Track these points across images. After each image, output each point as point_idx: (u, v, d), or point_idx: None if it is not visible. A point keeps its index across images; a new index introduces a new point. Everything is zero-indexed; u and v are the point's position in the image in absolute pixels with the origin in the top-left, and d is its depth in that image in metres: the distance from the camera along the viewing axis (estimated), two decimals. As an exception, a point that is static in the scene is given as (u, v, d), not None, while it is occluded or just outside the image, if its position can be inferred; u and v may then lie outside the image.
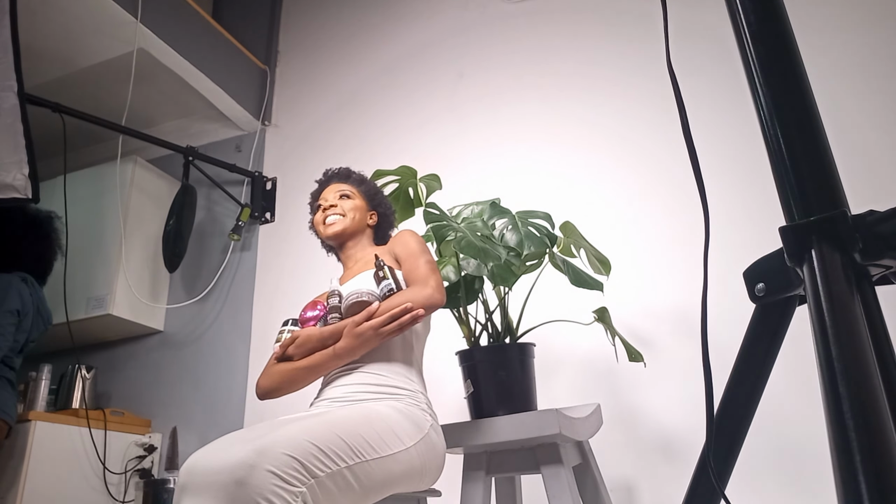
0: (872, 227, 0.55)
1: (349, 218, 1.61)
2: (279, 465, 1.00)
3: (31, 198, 2.08)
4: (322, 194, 1.68)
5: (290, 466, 1.01)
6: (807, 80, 0.63)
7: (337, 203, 1.62)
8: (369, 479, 1.14)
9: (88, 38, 2.76)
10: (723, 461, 0.61)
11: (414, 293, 1.38)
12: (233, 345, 2.92)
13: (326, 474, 1.06)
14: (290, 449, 1.03)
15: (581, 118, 2.60)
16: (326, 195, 1.66)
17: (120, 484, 2.70)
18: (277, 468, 1.00)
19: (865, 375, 0.48)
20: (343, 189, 1.66)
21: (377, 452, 1.16)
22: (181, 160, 3.04)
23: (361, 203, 1.66)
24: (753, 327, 0.63)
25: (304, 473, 1.03)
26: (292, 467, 1.01)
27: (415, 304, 1.35)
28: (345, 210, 1.61)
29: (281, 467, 1.00)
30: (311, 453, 1.05)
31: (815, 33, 2.27)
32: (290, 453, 1.02)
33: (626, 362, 1.76)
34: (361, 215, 1.64)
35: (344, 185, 1.68)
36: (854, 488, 0.43)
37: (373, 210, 1.69)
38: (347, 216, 1.61)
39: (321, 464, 1.05)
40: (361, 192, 1.68)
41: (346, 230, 1.60)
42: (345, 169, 1.74)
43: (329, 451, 1.08)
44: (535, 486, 1.62)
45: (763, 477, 1.88)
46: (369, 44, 3.25)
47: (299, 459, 1.03)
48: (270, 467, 0.99)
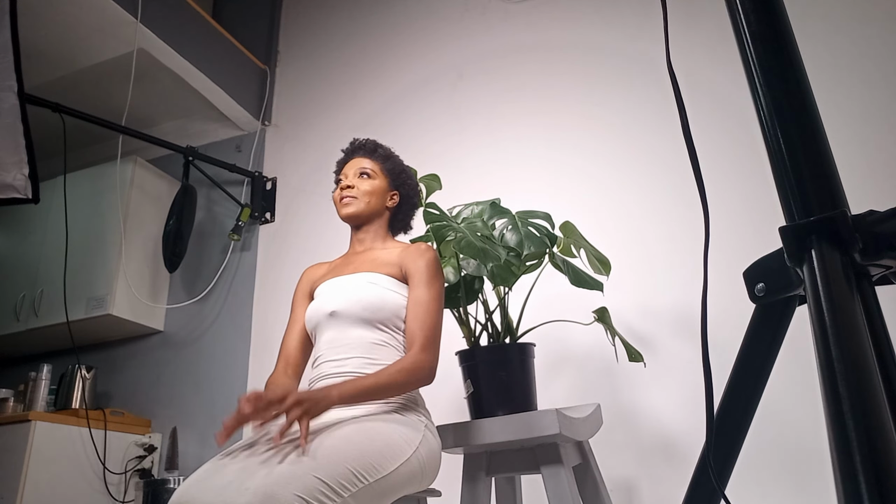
0: (872, 227, 0.55)
1: (363, 202, 1.53)
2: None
3: (31, 198, 2.08)
4: (345, 168, 1.60)
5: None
6: (807, 80, 0.63)
7: (355, 183, 1.55)
8: (373, 498, 1.12)
9: (88, 38, 2.76)
10: (723, 461, 0.61)
11: (408, 367, 1.30)
12: (233, 345, 2.92)
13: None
14: (298, 489, 0.99)
15: (581, 118, 2.60)
16: (348, 170, 1.58)
17: (120, 484, 2.70)
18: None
19: (865, 375, 0.48)
20: (365, 166, 1.57)
21: (380, 472, 1.14)
22: (181, 160, 3.04)
23: (382, 183, 1.58)
24: (753, 327, 0.63)
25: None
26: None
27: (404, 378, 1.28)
28: (360, 192, 1.54)
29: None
30: (318, 489, 1.02)
31: (816, 33, 2.27)
32: (299, 494, 0.99)
33: (626, 362, 1.76)
34: (378, 199, 1.56)
35: (367, 160, 1.59)
36: (854, 488, 0.43)
37: (394, 190, 1.61)
38: (361, 200, 1.53)
39: (327, 499, 1.03)
40: (385, 170, 1.59)
41: (359, 214, 1.54)
42: (371, 142, 1.65)
43: (335, 485, 1.05)
44: (535, 486, 1.62)
45: (763, 477, 1.88)
46: (369, 44, 3.25)
47: (307, 499, 0.99)
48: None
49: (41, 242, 3.16)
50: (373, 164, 1.59)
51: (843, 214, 0.56)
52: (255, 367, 2.83)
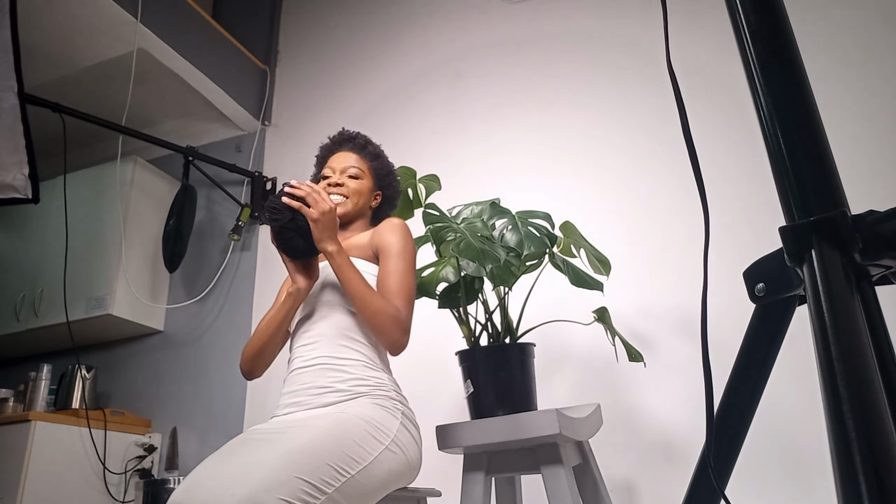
0: (872, 227, 0.55)
1: (351, 203, 1.53)
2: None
3: (31, 198, 2.08)
4: (331, 160, 1.59)
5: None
6: (807, 80, 0.63)
7: (344, 182, 1.54)
8: (359, 491, 1.14)
9: (88, 38, 2.76)
10: (723, 461, 0.61)
11: (384, 305, 1.30)
12: (233, 345, 2.92)
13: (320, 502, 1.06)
14: (282, 492, 1.01)
15: (581, 118, 2.60)
16: (335, 164, 1.57)
17: (120, 484, 2.70)
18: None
19: (865, 375, 0.48)
20: (353, 165, 1.56)
21: (360, 463, 1.15)
22: (181, 160, 3.04)
23: (369, 184, 1.57)
24: (753, 327, 0.63)
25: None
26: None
27: (381, 316, 1.29)
28: (349, 192, 1.53)
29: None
30: (301, 489, 1.04)
31: (816, 33, 2.27)
32: (283, 497, 1.01)
33: (626, 362, 1.76)
34: (365, 199, 1.56)
35: (356, 158, 1.58)
36: (854, 488, 0.43)
37: (378, 190, 1.61)
38: (350, 200, 1.53)
39: (312, 498, 1.05)
40: (372, 170, 1.59)
41: (346, 213, 1.53)
42: (362, 137, 1.63)
43: (317, 482, 1.07)
44: (535, 486, 1.62)
45: (763, 477, 1.88)
46: (369, 44, 3.25)
47: (292, 502, 1.01)
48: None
49: (41, 242, 3.16)
50: (362, 163, 1.58)
51: (843, 214, 0.56)
52: (255, 367, 2.82)
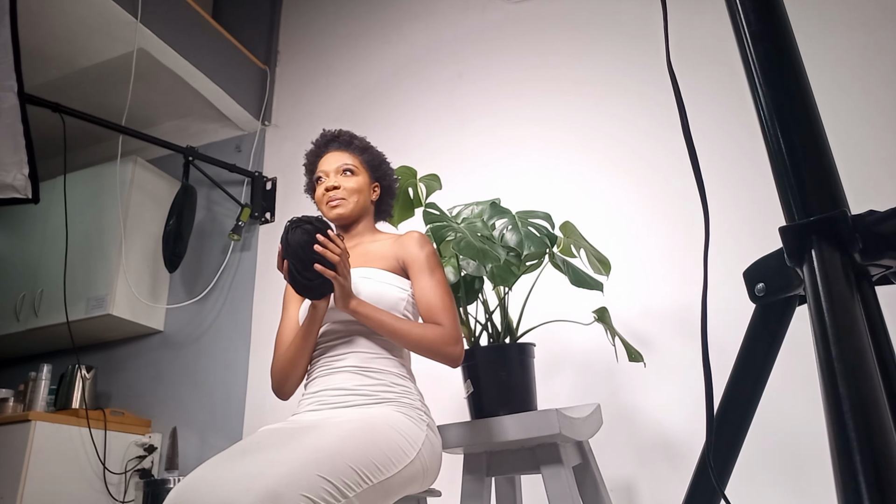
0: (872, 227, 0.55)
1: (351, 202, 1.50)
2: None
3: (32, 198, 2.08)
4: (321, 163, 1.56)
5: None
6: (807, 80, 0.63)
7: (339, 182, 1.51)
8: (376, 498, 1.12)
9: (88, 38, 2.76)
10: (723, 461, 0.61)
11: (439, 336, 1.33)
12: (233, 345, 2.92)
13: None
14: (304, 489, 0.99)
15: (581, 118, 2.60)
16: (326, 167, 1.53)
17: (120, 484, 2.70)
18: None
19: (865, 375, 0.48)
20: (346, 162, 1.53)
21: (384, 474, 1.13)
22: (181, 160, 3.04)
23: (364, 179, 1.54)
24: (753, 327, 0.63)
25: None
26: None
27: (439, 347, 1.32)
28: (347, 192, 1.50)
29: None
30: (324, 489, 1.01)
31: (816, 33, 2.27)
32: (305, 494, 0.98)
33: (626, 362, 1.76)
34: (364, 195, 1.54)
35: (346, 154, 1.55)
36: (854, 488, 0.43)
37: (375, 182, 1.59)
38: (349, 200, 1.50)
39: (333, 499, 1.02)
40: (364, 163, 1.56)
41: (350, 215, 1.51)
42: (346, 133, 1.59)
43: (340, 484, 1.04)
44: (535, 486, 1.62)
45: (763, 477, 1.88)
46: (369, 44, 3.25)
47: (313, 499, 0.99)
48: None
49: (41, 242, 3.16)
50: (353, 159, 1.55)
51: (843, 214, 0.56)
52: (254, 367, 2.83)
